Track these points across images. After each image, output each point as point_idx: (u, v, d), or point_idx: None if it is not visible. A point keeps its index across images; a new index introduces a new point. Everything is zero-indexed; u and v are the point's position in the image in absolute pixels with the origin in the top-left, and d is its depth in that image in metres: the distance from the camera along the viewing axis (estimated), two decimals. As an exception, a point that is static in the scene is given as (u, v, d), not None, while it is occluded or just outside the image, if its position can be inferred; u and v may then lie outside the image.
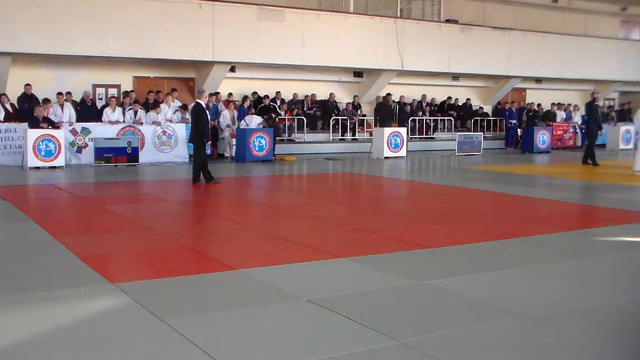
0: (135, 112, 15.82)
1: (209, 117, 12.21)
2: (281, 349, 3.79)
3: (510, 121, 22.30)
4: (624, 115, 25.72)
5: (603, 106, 26.28)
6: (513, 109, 22.82)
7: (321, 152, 19.08)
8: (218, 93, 17.96)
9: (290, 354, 3.72)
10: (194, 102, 12.33)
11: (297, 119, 19.52)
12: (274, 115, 17.97)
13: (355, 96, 21.45)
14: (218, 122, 16.81)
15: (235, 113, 17.20)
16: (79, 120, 15.36)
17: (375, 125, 19.03)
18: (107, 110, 15.63)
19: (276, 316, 4.38)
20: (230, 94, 18.82)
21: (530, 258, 6.18)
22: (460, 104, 23.53)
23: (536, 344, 3.89)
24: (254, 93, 19.63)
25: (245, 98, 18.51)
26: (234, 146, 16.74)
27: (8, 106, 15.11)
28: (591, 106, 16.63)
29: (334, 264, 5.81)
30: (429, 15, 23.02)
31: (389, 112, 19.07)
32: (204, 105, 11.84)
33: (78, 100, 16.49)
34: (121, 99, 16.94)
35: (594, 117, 16.50)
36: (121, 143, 14.98)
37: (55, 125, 14.18)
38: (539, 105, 24.42)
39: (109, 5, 16.34)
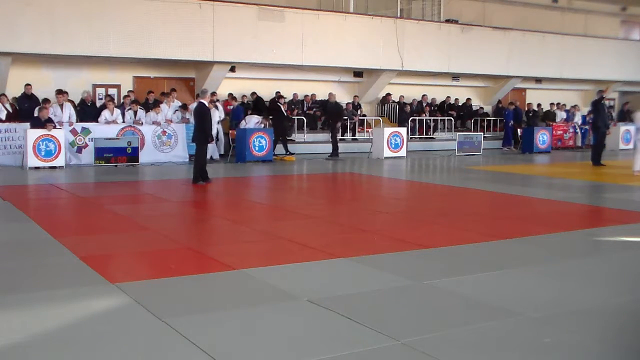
0: (135, 112, 15.82)
1: (221, 116, 12.30)
2: (281, 349, 3.79)
3: (510, 122, 22.25)
4: (624, 115, 25.71)
5: (609, 107, 26.31)
6: (511, 109, 22.77)
7: (321, 152, 19.07)
8: (215, 93, 17.96)
9: (290, 354, 3.72)
10: (197, 102, 12.27)
11: (297, 119, 19.52)
12: (285, 113, 18.05)
13: (355, 96, 21.45)
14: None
15: (221, 109, 17.01)
16: (79, 121, 15.37)
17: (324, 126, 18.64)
18: (105, 113, 15.56)
19: (276, 316, 4.38)
20: (230, 94, 18.85)
21: (530, 258, 6.17)
22: (460, 104, 23.53)
23: (536, 344, 3.89)
24: (254, 93, 19.64)
25: (235, 98, 18.54)
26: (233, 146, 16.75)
27: (8, 106, 15.12)
28: (597, 104, 16.50)
29: (334, 264, 5.81)
30: (429, 15, 23.02)
31: (334, 112, 18.40)
32: (207, 106, 11.88)
33: (77, 100, 16.50)
34: (121, 100, 16.96)
35: (601, 116, 16.32)
36: (121, 143, 14.98)
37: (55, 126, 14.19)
38: (538, 105, 24.44)
39: (109, 5, 16.34)
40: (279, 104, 18.20)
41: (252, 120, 16.58)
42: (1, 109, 14.78)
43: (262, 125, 16.53)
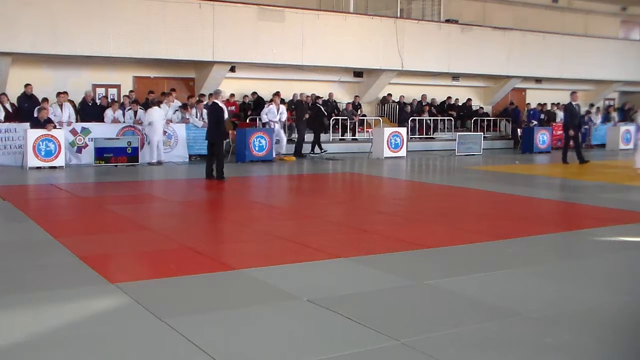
0: (135, 112, 15.83)
1: (225, 115, 12.51)
2: (281, 349, 3.79)
3: (533, 121, 22.16)
4: (625, 115, 25.72)
5: (609, 107, 26.31)
6: (535, 109, 22.72)
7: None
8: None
9: (290, 354, 3.72)
10: (211, 102, 12.74)
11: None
12: (324, 112, 18.77)
13: (355, 96, 21.45)
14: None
15: (282, 107, 17.03)
16: (80, 120, 15.40)
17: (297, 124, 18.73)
18: (109, 111, 15.67)
19: (276, 316, 4.38)
20: (232, 95, 18.87)
21: (530, 258, 6.17)
22: (461, 104, 23.53)
23: (536, 344, 3.89)
24: (254, 93, 19.66)
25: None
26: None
27: (8, 106, 15.11)
28: (569, 106, 16.96)
29: (334, 264, 5.81)
30: (429, 15, 23.03)
31: (300, 112, 18.31)
32: (221, 105, 12.23)
33: (78, 100, 16.52)
34: (121, 100, 16.99)
35: (572, 118, 16.80)
36: (121, 143, 14.98)
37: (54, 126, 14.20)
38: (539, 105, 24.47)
39: (109, 5, 16.35)
40: (317, 104, 18.79)
41: (272, 110, 16.51)
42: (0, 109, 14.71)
43: (283, 113, 16.68)
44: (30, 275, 5.35)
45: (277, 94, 17.17)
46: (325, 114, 19.02)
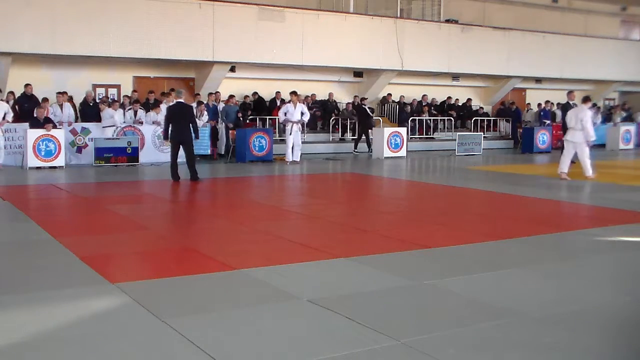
0: (135, 112, 15.83)
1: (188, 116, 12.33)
2: (281, 349, 3.79)
3: (545, 121, 22.12)
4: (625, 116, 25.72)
5: (613, 107, 26.30)
6: (548, 109, 22.71)
7: (321, 152, 19.09)
8: (217, 92, 18.06)
9: (290, 354, 3.72)
10: (175, 102, 12.45)
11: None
12: (370, 114, 19.57)
13: (355, 96, 21.44)
14: (216, 122, 16.83)
15: (302, 106, 16.63)
16: (81, 120, 15.40)
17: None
18: (109, 111, 15.65)
19: (276, 316, 4.38)
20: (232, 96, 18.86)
21: (530, 258, 6.17)
22: (461, 104, 23.53)
23: (536, 344, 3.89)
24: (255, 93, 19.67)
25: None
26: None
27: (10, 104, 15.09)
28: (566, 106, 16.99)
29: (334, 264, 5.81)
30: (429, 15, 23.03)
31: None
32: (188, 105, 12.44)
33: (78, 100, 16.53)
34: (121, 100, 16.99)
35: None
36: (121, 143, 14.99)
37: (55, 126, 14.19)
38: (538, 105, 24.44)
39: (109, 5, 16.36)
40: (363, 105, 19.50)
41: (288, 109, 16.36)
42: (8, 110, 14.43)
43: (305, 113, 16.52)
44: (30, 275, 5.35)
45: (294, 92, 16.74)
46: (369, 115, 19.61)
